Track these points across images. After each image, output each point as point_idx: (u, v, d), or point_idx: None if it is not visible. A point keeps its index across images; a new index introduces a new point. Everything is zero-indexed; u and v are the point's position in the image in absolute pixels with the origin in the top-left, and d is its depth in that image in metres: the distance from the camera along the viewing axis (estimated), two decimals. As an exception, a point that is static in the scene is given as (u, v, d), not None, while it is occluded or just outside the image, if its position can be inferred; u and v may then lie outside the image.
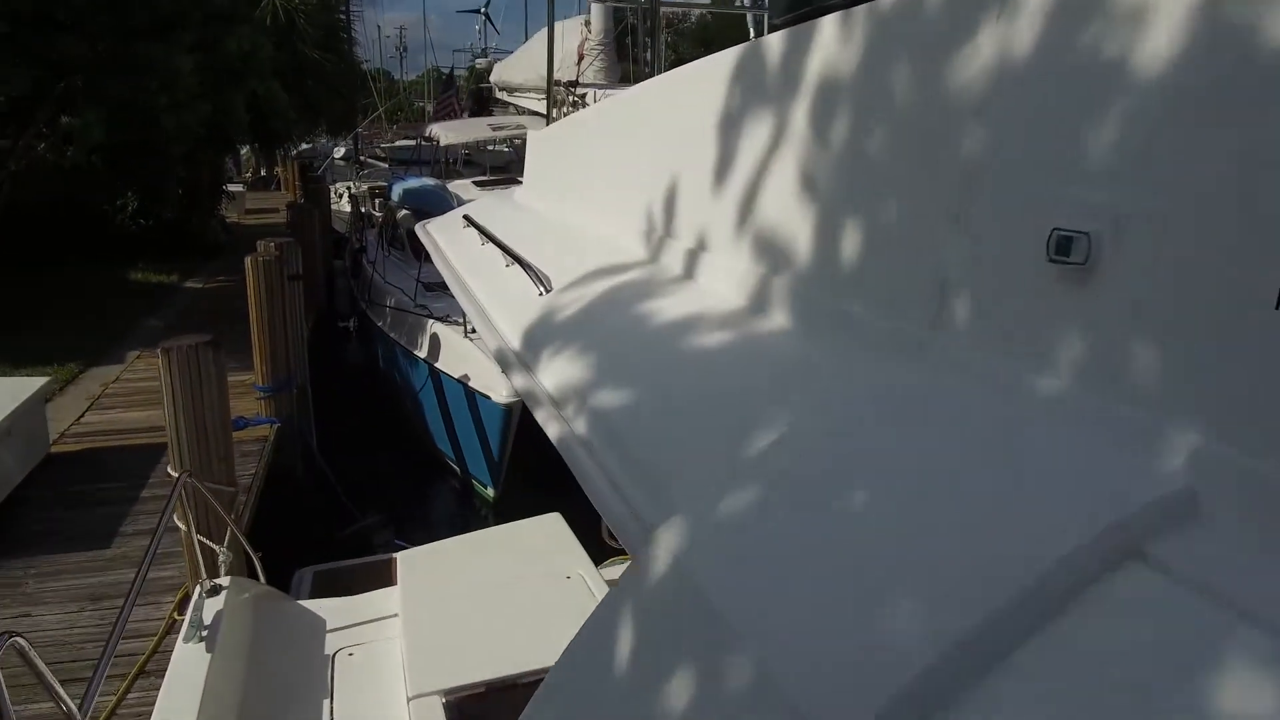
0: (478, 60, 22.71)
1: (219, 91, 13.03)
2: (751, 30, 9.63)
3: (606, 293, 2.85)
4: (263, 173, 33.05)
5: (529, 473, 9.52)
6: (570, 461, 2.13)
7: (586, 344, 2.53)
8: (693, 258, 2.66)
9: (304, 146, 31.72)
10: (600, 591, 3.71)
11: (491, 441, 9.31)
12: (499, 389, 8.84)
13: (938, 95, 1.66)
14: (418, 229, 6.71)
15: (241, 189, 26.76)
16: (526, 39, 20.96)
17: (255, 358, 8.64)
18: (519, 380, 2.71)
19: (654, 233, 2.99)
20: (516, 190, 5.86)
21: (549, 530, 4.36)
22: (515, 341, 2.99)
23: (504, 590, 3.70)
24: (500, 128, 17.79)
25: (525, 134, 17.83)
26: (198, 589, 4.08)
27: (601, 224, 3.57)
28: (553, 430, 2.31)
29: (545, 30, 16.89)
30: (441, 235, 5.53)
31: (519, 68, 17.20)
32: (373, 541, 8.48)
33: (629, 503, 1.82)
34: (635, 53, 13.24)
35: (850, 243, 1.96)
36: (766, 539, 1.41)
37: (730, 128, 2.52)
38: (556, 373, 2.49)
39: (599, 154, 3.92)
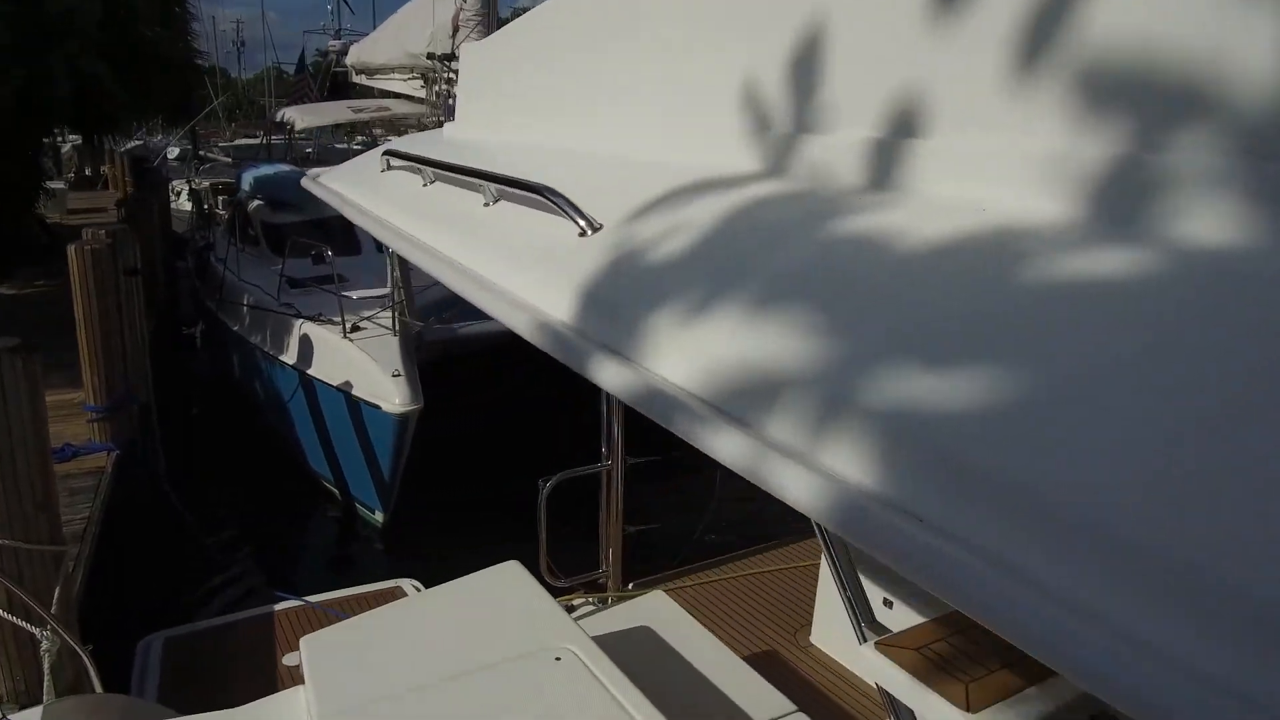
0: (331, 43, 20.93)
1: (33, 55, 11.04)
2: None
3: (717, 224, 1.81)
4: (87, 171, 29.97)
5: (423, 492, 8.29)
6: (832, 523, 1.10)
7: (748, 300, 1.49)
8: (884, 151, 1.62)
9: (134, 143, 28.99)
10: (609, 677, 2.61)
11: (381, 458, 7.99)
12: (389, 396, 7.55)
13: None
14: (305, 183, 5.36)
15: (63, 187, 24.03)
16: (377, 19, 19.49)
17: (84, 370, 6.99)
18: (605, 370, 1.63)
19: (768, 131, 1.96)
20: (446, 127, 4.67)
21: (511, 586, 3.21)
22: (557, 309, 1.91)
23: (468, 691, 2.55)
24: (361, 109, 16.28)
25: (389, 114, 16.58)
26: None
27: (629, 139, 2.53)
28: (729, 448, 1.30)
29: (405, 6, 15.57)
30: (349, 184, 4.30)
31: (380, 47, 15.74)
32: (243, 587, 7.06)
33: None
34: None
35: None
36: None
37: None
38: (695, 351, 1.48)
39: (595, 58, 2.83)
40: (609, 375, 1.62)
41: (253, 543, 8.18)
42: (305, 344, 8.73)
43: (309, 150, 19.79)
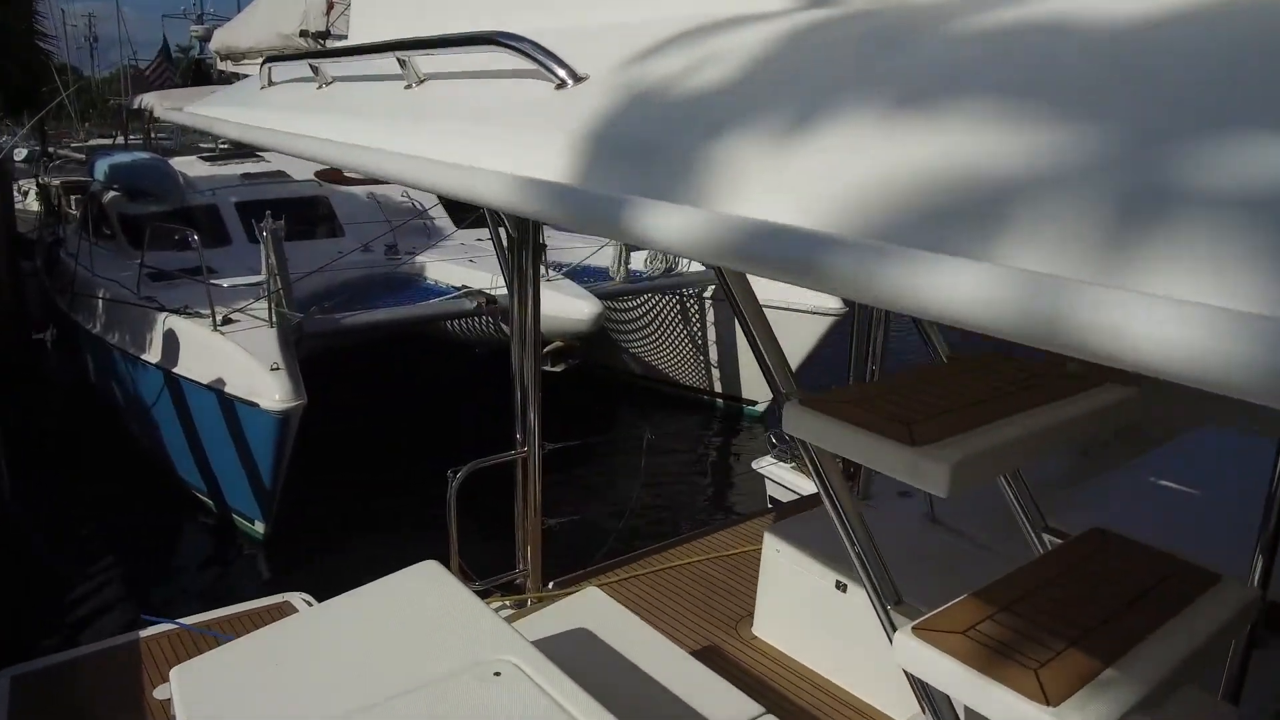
0: (193, 28, 19.61)
1: None
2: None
3: (753, 52, 1.43)
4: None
5: (308, 498, 7.61)
6: None
7: (859, 112, 1.18)
8: None
9: (-28, 143, 26.78)
10: (560, 689, 2.14)
11: (260, 462, 7.26)
12: (267, 392, 6.85)
13: None
14: (161, 112, 4.59)
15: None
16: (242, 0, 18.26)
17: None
18: (668, 223, 1.20)
19: None
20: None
21: (430, 590, 2.68)
22: (545, 169, 1.45)
23: None
24: (229, 96, 15.18)
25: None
26: None
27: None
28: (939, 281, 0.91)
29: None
30: (222, 107, 3.66)
31: (248, 29, 14.72)
32: (104, 613, 6.27)
33: None
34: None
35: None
36: None
37: None
38: (805, 177, 1.14)
39: None
40: (674, 229, 1.21)
41: (116, 563, 7.36)
42: (170, 340, 7.91)
43: (169, 145, 18.50)
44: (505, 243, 3.87)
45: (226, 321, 7.61)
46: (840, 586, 3.65)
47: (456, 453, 4.08)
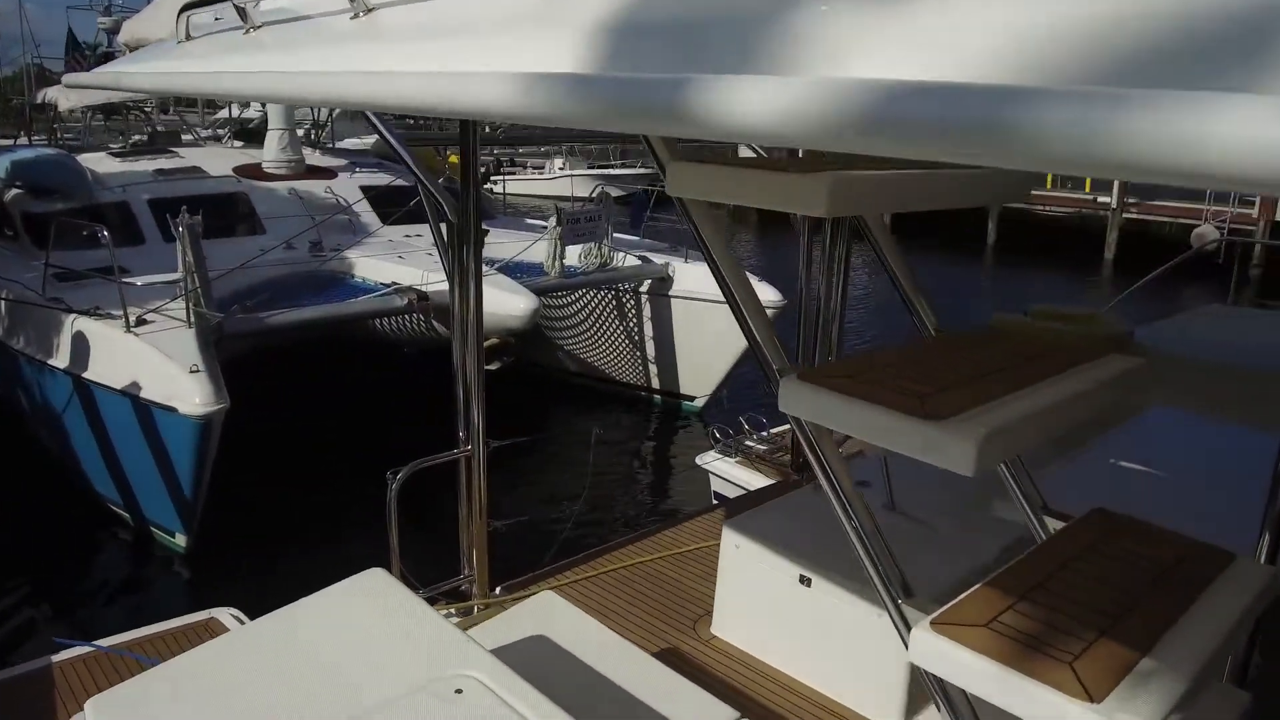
0: (101, 19, 18.74)
1: None
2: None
3: None
4: None
5: (232, 507, 7.24)
6: None
7: None
8: None
9: None
10: (528, 703, 1.95)
11: (180, 470, 6.88)
12: (186, 396, 6.48)
13: None
14: (87, 77, 4.16)
15: None
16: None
17: None
18: (745, 95, 0.92)
19: None
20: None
21: (377, 601, 2.46)
22: (560, 63, 1.21)
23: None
24: (140, 89, 14.51)
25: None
26: None
27: None
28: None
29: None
30: (133, 64, 3.35)
31: (161, 17, 14.07)
32: (12, 636, 5.84)
33: None
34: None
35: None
36: None
37: None
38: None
39: None
40: (771, 103, 0.93)
41: (24, 583, 6.90)
42: (79, 343, 7.46)
43: (75, 144, 17.65)
44: (445, 234, 3.70)
45: (140, 322, 7.20)
46: (804, 581, 3.52)
47: (388, 455, 3.86)
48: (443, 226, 3.69)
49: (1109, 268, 22.12)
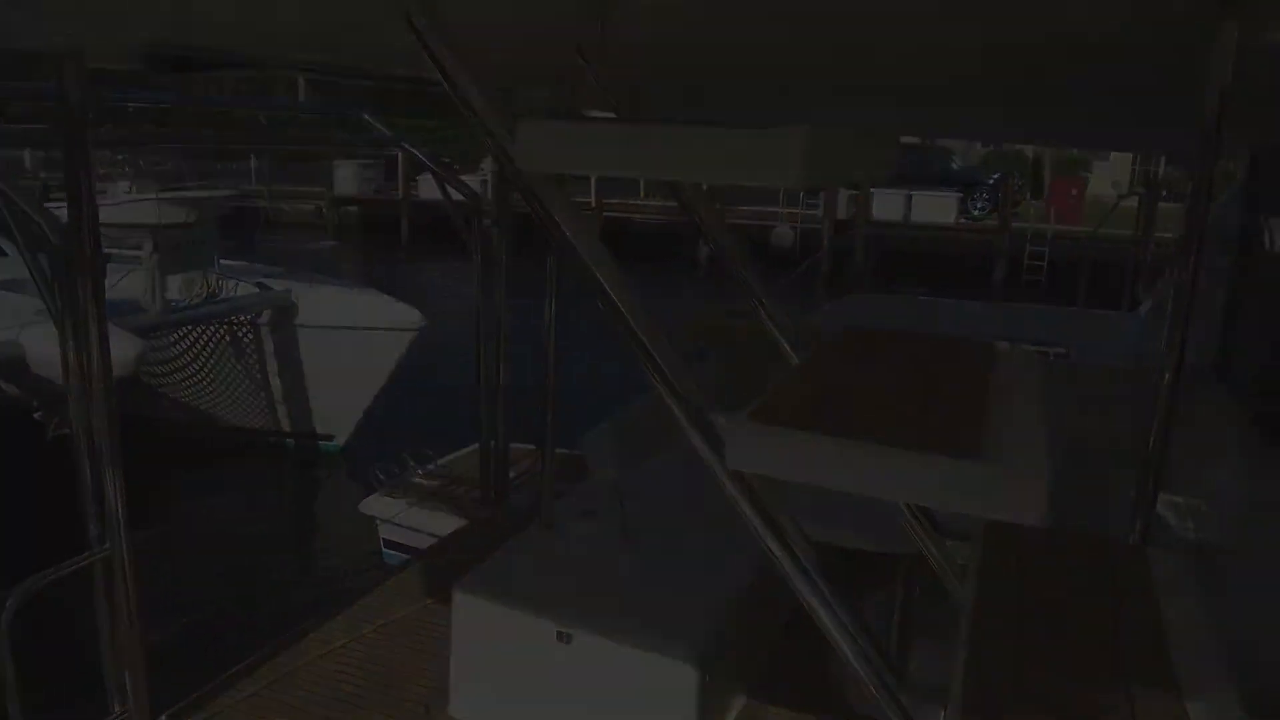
0: None
1: None
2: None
3: None
4: None
5: None
6: None
7: None
8: None
9: None
10: None
11: None
12: None
13: None
14: None
15: None
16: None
17: None
18: None
19: None
20: None
21: None
22: None
23: None
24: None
25: None
26: None
27: None
28: None
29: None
30: None
31: None
32: None
33: None
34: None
35: None
36: None
37: None
38: None
39: None
40: None
41: None
42: None
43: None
44: (47, 265, 2.87)
45: None
46: (563, 637, 3.07)
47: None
48: (42, 257, 2.87)
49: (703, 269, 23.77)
